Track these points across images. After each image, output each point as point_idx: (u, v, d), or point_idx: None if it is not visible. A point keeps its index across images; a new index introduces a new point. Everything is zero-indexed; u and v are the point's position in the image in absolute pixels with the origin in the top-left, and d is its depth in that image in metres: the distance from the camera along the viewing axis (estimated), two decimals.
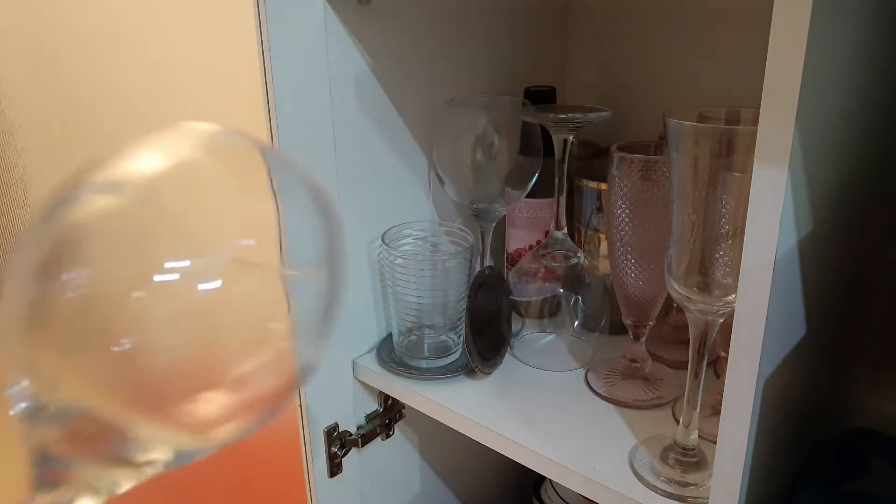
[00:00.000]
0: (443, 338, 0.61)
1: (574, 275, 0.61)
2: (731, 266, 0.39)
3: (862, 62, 0.39)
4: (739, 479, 0.37)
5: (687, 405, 0.45)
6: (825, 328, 0.45)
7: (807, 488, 0.44)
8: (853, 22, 0.36)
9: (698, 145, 0.38)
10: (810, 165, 0.33)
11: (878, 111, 0.45)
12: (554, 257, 0.60)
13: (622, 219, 0.51)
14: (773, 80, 0.30)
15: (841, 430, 0.50)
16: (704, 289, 0.41)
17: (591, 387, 0.56)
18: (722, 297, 0.40)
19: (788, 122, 0.30)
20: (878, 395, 0.59)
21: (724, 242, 0.39)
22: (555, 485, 0.78)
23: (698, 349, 0.43)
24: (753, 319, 0.33)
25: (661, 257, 0.51)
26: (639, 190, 0.49)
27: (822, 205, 0.37)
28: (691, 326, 0.43)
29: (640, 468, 0.46)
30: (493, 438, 0.52)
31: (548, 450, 0.49)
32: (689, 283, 0.41)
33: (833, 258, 0.43)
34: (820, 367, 0.48)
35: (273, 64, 0.49)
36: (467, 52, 0.65)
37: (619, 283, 0.53)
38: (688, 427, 0.45)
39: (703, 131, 0.38)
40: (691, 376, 0.44)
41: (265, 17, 0.48)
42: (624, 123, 0.72)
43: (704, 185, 0.38)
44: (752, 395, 0.35)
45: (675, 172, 0.40)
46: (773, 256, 0.32)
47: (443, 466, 0.78)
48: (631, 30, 0.72)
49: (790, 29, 0.29)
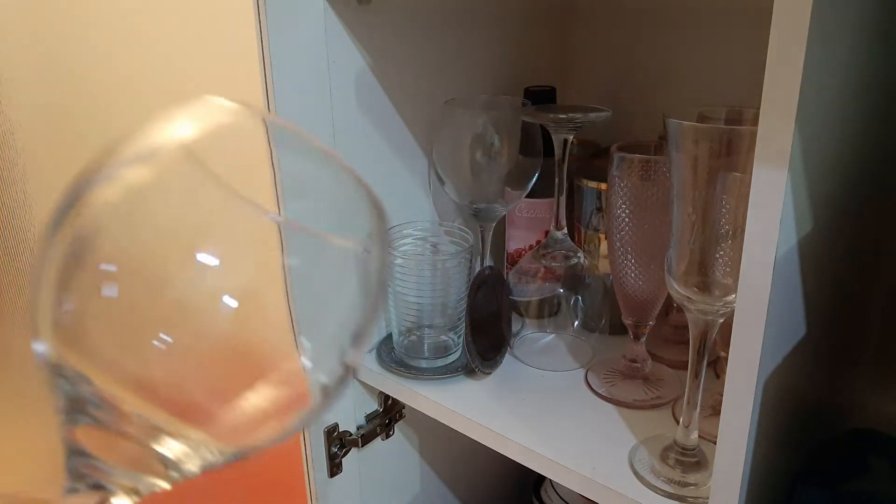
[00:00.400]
0: (443, 338, 0.61)
1: (574, 275, 0.61)
2: (731, 266, 0.39)
3: (862, 62, 0.39)
4: (739, 478, 0.37)
5: (687, 405, 0.45)
6: (825, 328, 0.45)
7: (807, 488, 0.44)
8: (853, 22, 0.36)
9: (698, 145, 0.38)
10: (810, 165, 0.33)
11: (877, 111, 0.45)
12: (554, 257, 0.60)
13: (622, 219, 0.51)
14: (773, 80, 0.30)
15: (841, 430, 0.50)
16: (704, 289, 0.41)
17: (591, 387, 0.56)
18: (722, 297, 0.40)
19: (788, 123, 0.30)
20: (878, 395, 0.59)
21: (724, 242, 0.39)
22: (555, 485, 0.78)
23: (698, 349, 0.43)
24: (753, 319, 0.33)
25: (661, 257, 0.51)
26: (639, 190, 0.49)
27: (822, 205, 0.37)
28: (691, 326, 0.43)
29: (640, 468, 0.46)
30: (493, 438, 0.52)
31: (548, 450, 0.49)
32: (688, 283, 0.41)
33: (833, 258, 0.43)
34: (820, 367, 0.48)
35: (273, 64, 0.49)
36: (467, 52, 0.65)
37: (619, 283, 0.53)
38: (688, 427, 0.45)
39: (703, 131, 0.38)
40: (691, 376, 0.44)
41: (265, 17, 0.48)
42: (624, 123, 0.72)
43: (704, 186, 0.38)
44: (752, 395, 0.35)
45: (675, 172, 0.40)
46: (773, 256, 0.32)
47: (443, 466, 0.78)
48: (631, 30, 0.72)
49: (790, 29, 0.29)
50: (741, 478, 0.37)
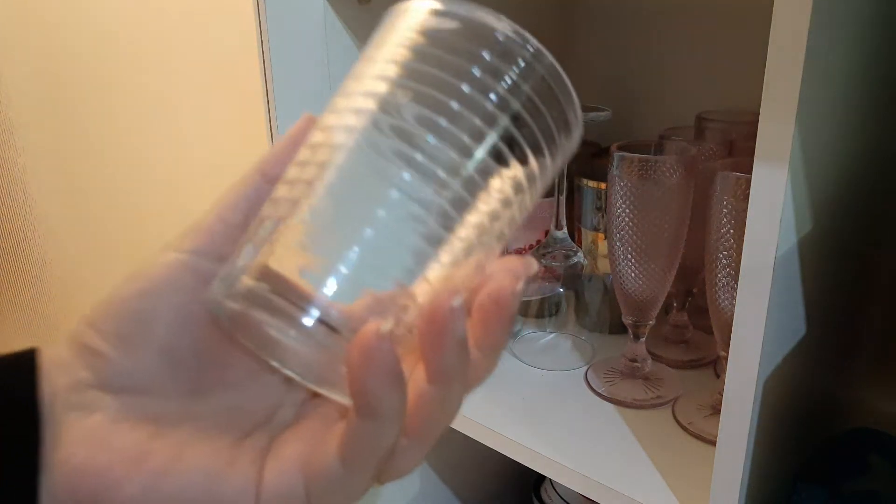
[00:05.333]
0: None
1: (574, 274, 0.61)
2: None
3: (862, 62, 0.39)
4: (739, 478, 0.37)
5: None
6: (825, 328, 0.45)
7: (807, 487, 0.44)
8: (853, 22, 0.36)
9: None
10: (810, 165, 0.33)
11: (878, 111, 0.45)
12: (554, 257, 0.60)
13: (622, 218, 0.51)
14: (773, 80, 0.30)
15: (841, 430, 0.50)
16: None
17: (591, 386, 0.56)
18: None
19: (788, 122, 0.30)
20: (877, 394, 0.59)
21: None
22: (555, 484, 0.78)
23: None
24: (753, 319, 0.33)
25: (661, 257, 0.51)
26: (639, 190, 0.49)
27: (822, 205, 0.37)
28: None
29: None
30: (493, 438, 0.52)
31: (548, 449, 0.49)
32: None
33: (833, 258, 0.43)
34: (820, 366, 0.48)
35: (273, 64, 0.49)
36: None
37: (619, 283, 0.53)
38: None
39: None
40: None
41: (265, 16, 0.48)
42: (624, 123, 0.72)
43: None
44: (752, 395, 0.35)
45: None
46: (773, 256, 0.32)
47: (443, 466, 0.78)
48: (631, 29, 0.72)
49: (790, 29, 0.29)
50: (741, 478, 0.37)
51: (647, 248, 0.51)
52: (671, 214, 0.49)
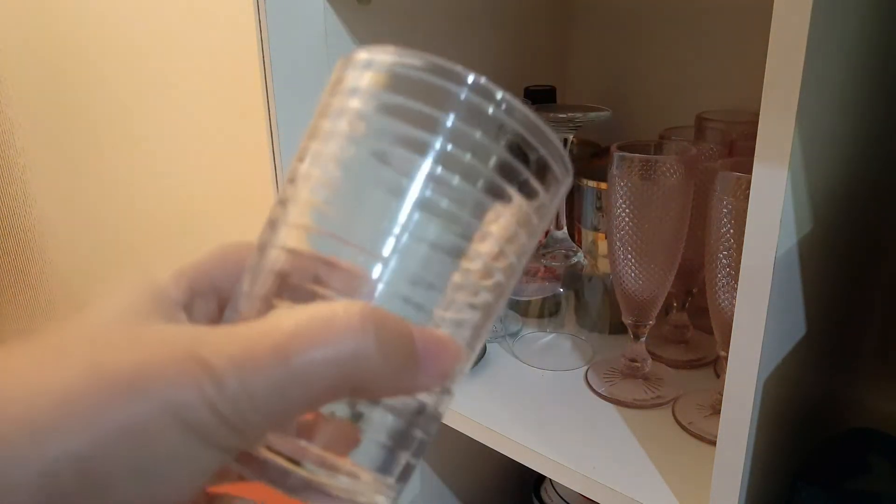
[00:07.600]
0: None
1: (574, 274, 0.61)
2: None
3: (862, 62, 0.39)
4: (739, 478, 0.37)
5: None
6: (825, 328, 0.45)
7: (807, 487, 0.44)
8: (853, 22, 0.36)
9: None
10: (810, 165, 0.33)
11: (878, 111, 0.45)
12: (554, 257, 0.60)
13: (622, 218, 0.51)
14: (773, 79, 0.30)
15: (841, 430, 0.50)
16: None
17: (591, 386, 0.56)
18: None
19: (788, 123, 0.30)
20: (877, 394, 0.59)
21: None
22: (555, 484, 0.78)
23: None
24: (753, 319, 0.33)
25: (661, 257, 0.51)
26: (639, 190, 0.49)
27: (822, 205, 0.37)
28: None
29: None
30: (493, 438, 0.52)
31: (548, 449, 0.49)
32: None
33: (833, 258, 0.43)
34: (820, 366, 0.48)
35: (273, 64, 0.49)
36: (467, 52, 0.65)
37: (618, 283, 0.53)
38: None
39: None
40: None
41: (265, 17, 0.48)
42: (624, 123, 0.72)
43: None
44: (752, 395, 0.35)
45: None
46: (773, 256, 0.32)
47: (442, 466, 0.78)
48: (631, 30, 0.72)
49: (790, 29, 0.29)
50: (741, 478, 0.37)
51: (647, 248, 0.51)
52: (671, 214, 0.49)
